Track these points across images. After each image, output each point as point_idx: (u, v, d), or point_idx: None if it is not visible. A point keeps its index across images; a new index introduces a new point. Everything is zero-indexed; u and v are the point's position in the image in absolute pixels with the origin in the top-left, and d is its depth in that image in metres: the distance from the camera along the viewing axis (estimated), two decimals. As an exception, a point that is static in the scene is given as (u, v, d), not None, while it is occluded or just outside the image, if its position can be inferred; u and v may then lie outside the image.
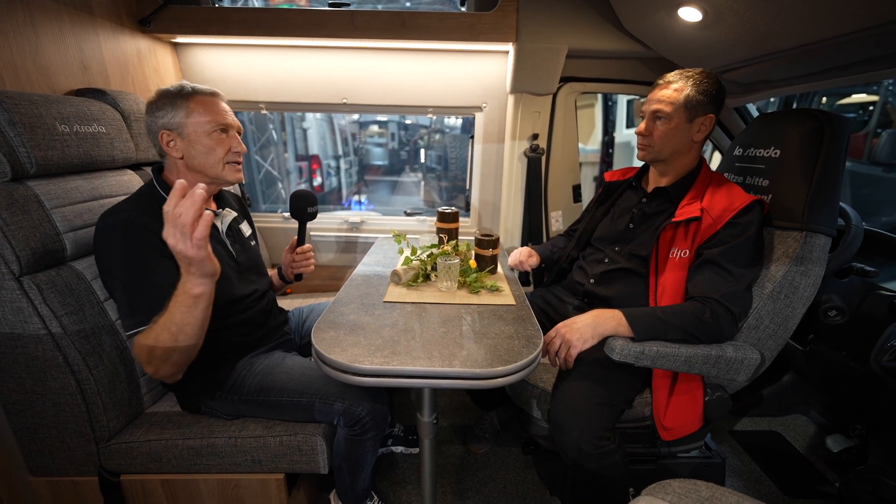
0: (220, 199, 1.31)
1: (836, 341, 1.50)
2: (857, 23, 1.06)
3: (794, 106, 2.69)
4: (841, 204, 1.38)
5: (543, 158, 2.04)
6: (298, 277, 1.51)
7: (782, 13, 1.15)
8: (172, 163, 1.16)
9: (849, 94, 2.83)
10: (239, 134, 1.21)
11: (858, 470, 1.38)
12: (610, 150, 3.53)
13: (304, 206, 1.40)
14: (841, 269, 1.41)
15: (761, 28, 1.24)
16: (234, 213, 1.31)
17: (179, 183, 0.83)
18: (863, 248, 1.43)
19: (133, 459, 1.17)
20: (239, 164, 1.20)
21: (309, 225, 1.47)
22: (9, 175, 1.06)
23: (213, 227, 1.23)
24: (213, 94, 1.16)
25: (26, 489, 1.22)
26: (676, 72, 1.24)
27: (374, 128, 6.13)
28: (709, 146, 2.26)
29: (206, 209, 1.19)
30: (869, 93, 2.73)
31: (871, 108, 2.72)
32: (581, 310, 1.37)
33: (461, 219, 1.70)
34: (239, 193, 2.09)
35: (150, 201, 1.11)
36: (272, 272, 1.55)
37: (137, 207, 1.06)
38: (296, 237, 1.48)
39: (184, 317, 0.93)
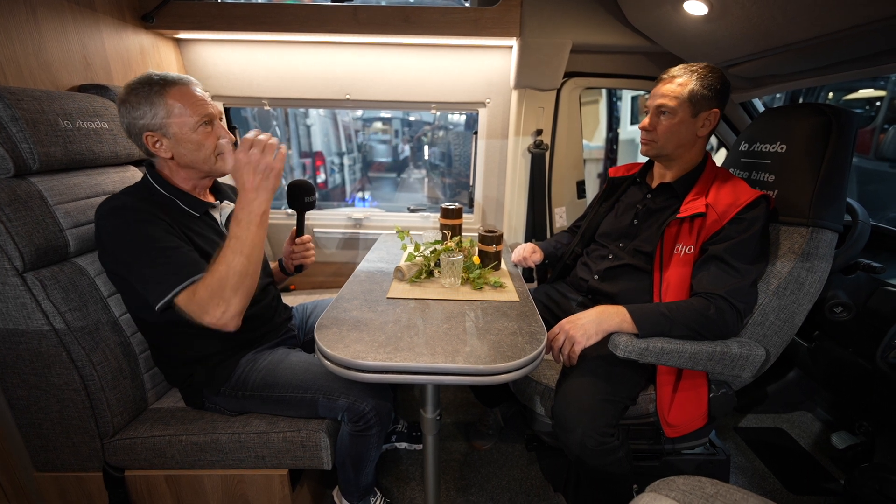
0: (218, 192, 1.31)
1: (842, 338, 1.49)
2: (865, 16, 1.04)
3: (801, 101, 2.66)
4: (847, 199, 1.36)
5: (547, 154, 2.03)
6: (299, 269, 1.51)
7: (789, 6, 1.13)
8: (163, 162, 1.14)
9: (856, 89, 2.79)
10: (220, 120, 1.16)
11: (864, 467, 1.38)
12: (614, 147, 3.51)
13: (301, 196, 1.40)
14: (847, 265, 1.40)
15: (767, 22, 1.22)
16: (233, 205, 1.30)
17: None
18: (869, 244, 1.42)
19: (137, 455, 1.17)
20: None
21: (313, 221, 1.47)
22: (11, 171, 1.06)
23: (213, 220, 1.23)
24: (186, 83, 1.09)
25: (31, 484, 1.23)
26: (680, 66, 1.22)
27: (378, 124, 6.13)
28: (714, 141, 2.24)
29: (205, 201, 1.19)
30: (876, 88, 2.69)
31: (878, 103, 2.68)
32: (585, 306, 1.37)
33: (465, 215, 1.69)
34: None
35: (147, 193, 1.11)
36: (274, 265, 1.55)
37: (134, 196, 1.07)
38: (295, 228, 1.48)
39: (254, 238, 0.99)
